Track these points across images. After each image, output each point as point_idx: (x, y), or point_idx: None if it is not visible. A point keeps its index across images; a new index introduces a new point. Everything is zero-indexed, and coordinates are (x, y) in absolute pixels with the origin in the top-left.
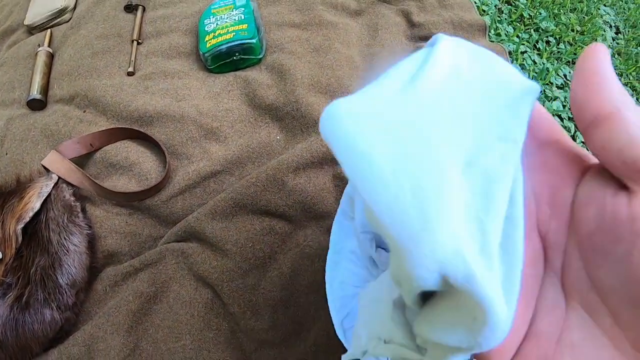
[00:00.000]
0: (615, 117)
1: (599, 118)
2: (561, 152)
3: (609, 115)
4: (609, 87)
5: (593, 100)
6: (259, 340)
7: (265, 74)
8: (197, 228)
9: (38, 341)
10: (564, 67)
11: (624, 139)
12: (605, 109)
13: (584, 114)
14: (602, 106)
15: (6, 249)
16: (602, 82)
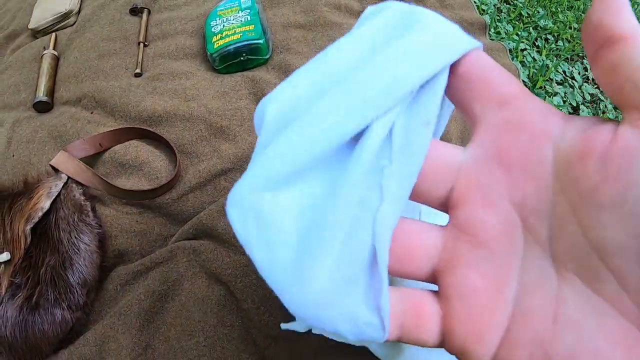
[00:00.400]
0: (633, 38)
1: (614, 38)
2: (527, 108)
3: (625, 37)
4: (628, 12)
5: (611, 21)
6: (273, 335)
7: (273, 73)
8: (209, 225)
9: (48, 342)
10: (563, 64)
11: (639, 60)
12: (623, 29)
13: (597, 33)
14: (620, 26)
15: (15, 250)
16: (622, 7)
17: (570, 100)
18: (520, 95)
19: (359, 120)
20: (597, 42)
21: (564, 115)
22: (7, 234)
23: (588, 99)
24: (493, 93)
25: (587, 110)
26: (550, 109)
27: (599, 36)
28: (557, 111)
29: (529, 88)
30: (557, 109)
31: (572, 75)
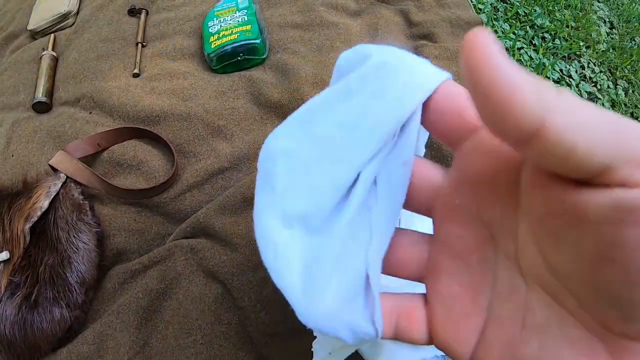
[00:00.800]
0: (545, 132)
1: (522, 139)
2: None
3: (535, 132)
4: (521, 95)
5: (508, 120)
6: (270, 333)
7: (270, 73)
8: (206, 223)
9: (47, 340)
10: (560, 62)
11: (562, 151)
12: (526, 125)
13: (504, 138)
14: (522, 124)
15: (14, 249)
16: (512, 92)
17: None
18: None
19: (353, 172)
20: (509, 143)
21: None
22: (6, 233)
23: (586, 97)
24: (464, 122)
25: None
26: None
27: (507, 141)
28: None
29: None
30: None
31: (569, 73)
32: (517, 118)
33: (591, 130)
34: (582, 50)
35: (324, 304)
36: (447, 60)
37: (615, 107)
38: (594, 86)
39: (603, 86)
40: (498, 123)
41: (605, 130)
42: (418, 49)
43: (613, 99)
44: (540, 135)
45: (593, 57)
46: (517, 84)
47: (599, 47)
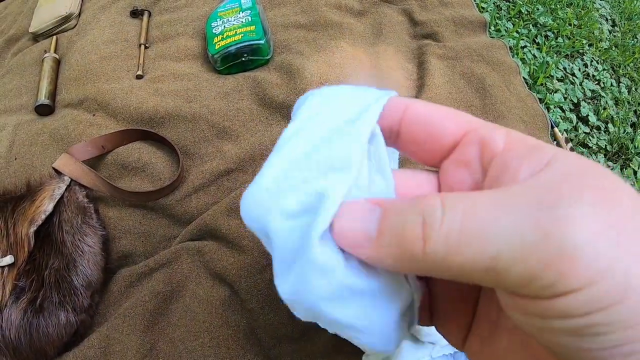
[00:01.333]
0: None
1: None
2: (468, 151)
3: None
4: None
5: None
6: (278, 335)
7: (274, 73)
8: (212, 225)
9: (53, 345)
10: (563, 61)
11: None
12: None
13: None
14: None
15: (18, 253)
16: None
17: (571, 96)
18: (461, 133)
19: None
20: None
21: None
22: (10, 237)
23: (589, 95)
24: (439, 145)
25: (588, 107)
26: (489, 139)
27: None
28: (494, 140)
29: (529, 85)
30: (559, 105)
31: (572, 71)
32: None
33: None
34: (584, 48)
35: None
36: (451, 60)
37: (619, 105)
38: (597, 84)
39: (606, 84)
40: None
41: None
42: (422, 48)
43: (616, 97)
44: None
45: (596, 55)
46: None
47: (601, 45)
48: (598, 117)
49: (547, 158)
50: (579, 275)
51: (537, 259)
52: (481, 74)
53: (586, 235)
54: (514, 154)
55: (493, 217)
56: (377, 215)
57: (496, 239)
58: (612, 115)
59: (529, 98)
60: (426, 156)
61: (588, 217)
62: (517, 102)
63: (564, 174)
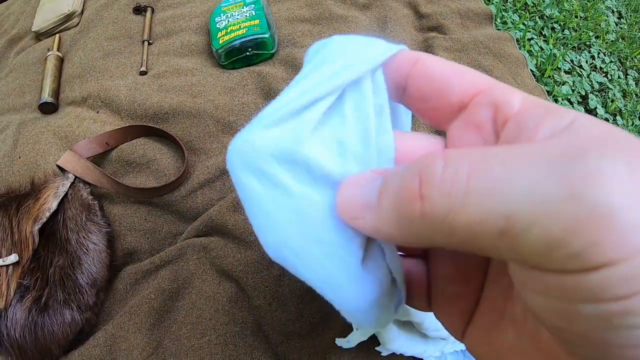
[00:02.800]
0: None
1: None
2: (480, 112)
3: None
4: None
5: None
6: (286, 332)
7: (279, 67)
8: (218, 221)
9: (58, 343)
10: (570, 53)
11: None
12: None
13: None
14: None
15: (23, 251)
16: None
17: (579, 89)
18: (471, 92)
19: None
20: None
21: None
22: (14, 236)
23: (597, 87)
24: (446, 103)
25: (596, 99)
26: (504, 100)
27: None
28: (510, 100)
29: (537, 78)
30: (567, 97)
31: (579, 63)
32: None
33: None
34: (591, 41)
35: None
36: (457, 52)
37: (627, 97)
38: (604, 76)
39: (614, 76)
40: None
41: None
42: (428, 41)
43: (624, 89)
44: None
45: (603, 47)
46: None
47: (608, 37)
48: (606, 110)
49: (569, 120)
50: (616, 243)
51: (564, 220)
52: (488, 66)
53: (624, 196)
54: (531, 116)
55: (508, 170)
56: (378, 182)
57: (512, 195)
58: (620, 108)
59: (537, 90)
60: (433, 115)
61: (624, 176)
62: None
63: (590, 136)
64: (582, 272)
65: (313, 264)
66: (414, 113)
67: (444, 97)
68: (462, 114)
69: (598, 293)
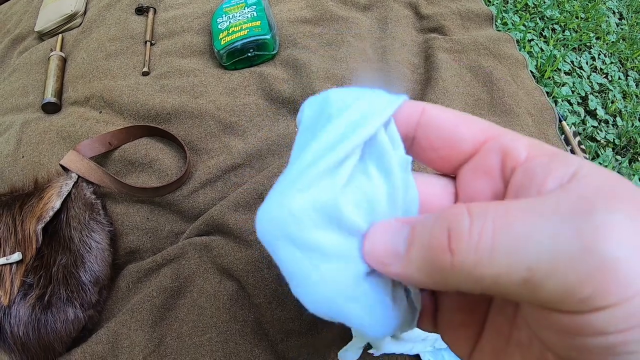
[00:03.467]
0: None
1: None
2: (488, 158)
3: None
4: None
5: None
6: (286, 330)
7: (280, 68)
8: (219, 221)
9: (61, 341)
10: (571, 54)
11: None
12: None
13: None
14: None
15: (26, 250)
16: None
17: (579, 90)
18: (481, 140)
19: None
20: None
21: (526, 152)
22: (18, 234)
23: (597, 89)
24: (457, 152)
25: (596, 100)
26: (511, 148)
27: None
28: (516, 149)
29: (537, 79)
30: (566, 99)
31: (580, 65)
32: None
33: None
34: (592, 42)
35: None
36: (457, 53)
37: (627, 98)
38: (604, 77)
39: (614, 77)
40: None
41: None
42: (428, 42)
43: (624, 90)
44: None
45: (603, 48)
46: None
47: (608, 38)
48: (606, 111)
49: (573, 169)
50: (618, 290)
51: (576, 272)
52: (488, 67)
53: (626, 249)
54: (539, 164)
55: (529, 226)
56: (406, 232)
57: (534, 250)
58: (620, 109)
59: (537, 91)
60: (442, 163)
61: (627, 230)
62: (524, 95)
63: (594, 187)
64: (591, 312)
65: (351, 316)
66: (420, 162)
67: (455, 146)
68: (471, 160)
69: (604, 328)
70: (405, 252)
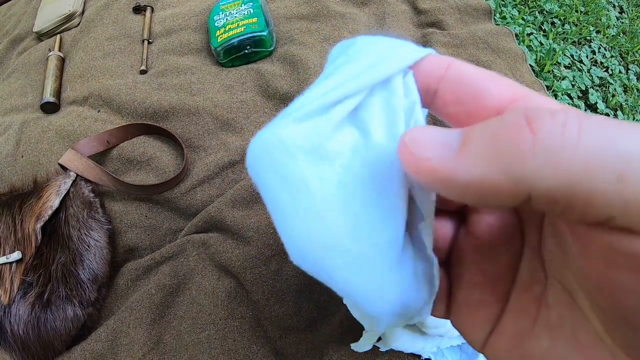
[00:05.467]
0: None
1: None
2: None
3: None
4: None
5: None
6: (284, 326)
7: (278, 65)
8: (217, 217)
9: (61, 339)
10: (570, 47)
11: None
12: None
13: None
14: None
15: (26, 249)
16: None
17: (579, 84)
18: (508, 98)
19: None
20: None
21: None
22: (17, 233)
23: (597, 82)
24: (482, 108)
25: (597, 94)
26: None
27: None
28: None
29: (536, 73)
30: (567, 92)
31: (580, 58)
32: (495, 198)
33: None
34: (592, 35)
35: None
36: (456, 48)
37: (628, 92)
38: (605, 71)
39: (615, 71)
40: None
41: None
42: (426, 37)
43: (625, 84)
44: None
45: (603, 42)
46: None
47: (608, 31)
48: (607, 105)
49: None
50: None
51: None
52: (487, 61)
53: None
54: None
55: (615, 130)
56: (457, 131)
57: (624, 150)
58: (621, 103)
59: (536, 85)
60: (465, 120)
61: None
62: None
63: None
64: None
65: (333, 271)
66: (442, 118)
67: (481, 101)
68: None
69: None
70: (462, 144)
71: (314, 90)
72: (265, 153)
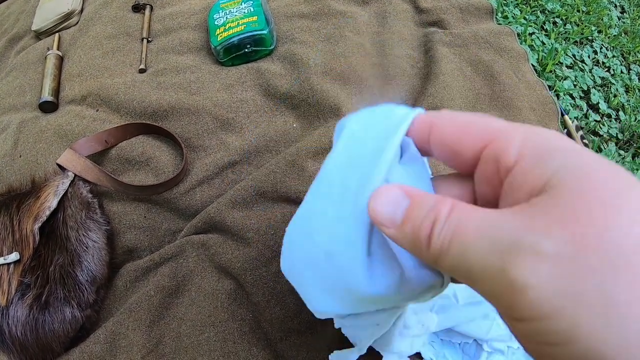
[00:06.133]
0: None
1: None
2: (509, 147)
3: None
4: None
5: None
6: (285, 329)
7: (278, 64)
8: (217, 218)
9: (59, 340)
10: (572, 47)
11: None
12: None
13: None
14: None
15: (24, 250)
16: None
17: (581, 84)
18: (480, 147)
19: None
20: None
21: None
22: (15, 234)
23: (599, 82)
24: (463, 161)
25: (599, 94)
26: (503, 154)
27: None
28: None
29: (538, 72)
30: (569, 92)
31: (581, 58)
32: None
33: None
34: (594, 35)
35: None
36: (458, 47)
37: (629, 92)
38: (607, 71)
39: (616, 71)
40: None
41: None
42: (428, 36)
43: (627, 84)
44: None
45: (605, 42)
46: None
47: (610, 31)
48: (609, 105)
49: (547, 177)
50: (525, 309)
51: (496, 285)
52: (489, 61)
53: (535, 280)
54: (520, 172)
55: (473, 237)
56: (405, 205)
57: (471, 257)
58: (622, 103)
59: (538, 85)
60: (460, 169)
61: (545, 264)
62: (526, 89)
63: (547, 210)
64: (515, 320)
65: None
66: (447, 164)
67: (459, 157)
68: (477, 168)
69: (528, 335)
70: (400, 224)
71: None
72: None
